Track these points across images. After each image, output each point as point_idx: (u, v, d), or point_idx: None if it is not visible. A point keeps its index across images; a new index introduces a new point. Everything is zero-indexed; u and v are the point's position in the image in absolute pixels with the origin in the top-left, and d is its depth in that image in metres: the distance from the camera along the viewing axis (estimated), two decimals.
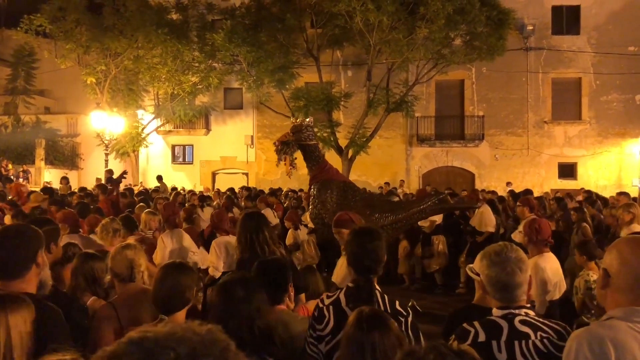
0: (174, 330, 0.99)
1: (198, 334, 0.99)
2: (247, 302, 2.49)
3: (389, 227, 7.34)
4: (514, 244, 2.72)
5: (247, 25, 20.20)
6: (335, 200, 7.22)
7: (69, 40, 20.76)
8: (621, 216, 6.72)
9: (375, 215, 7.24)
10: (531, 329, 2.32)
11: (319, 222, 7.52)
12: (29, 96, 26.90)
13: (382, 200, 8.91)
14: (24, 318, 2.03)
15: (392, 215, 7.38)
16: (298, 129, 7.53)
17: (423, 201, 7.84)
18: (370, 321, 2.34)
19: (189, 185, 23.29)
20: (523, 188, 19.55)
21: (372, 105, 19.99)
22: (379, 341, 2.25)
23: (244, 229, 4.33)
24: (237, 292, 2.51)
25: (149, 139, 23.95)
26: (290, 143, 7.44)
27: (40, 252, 2.61)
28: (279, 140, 7.63)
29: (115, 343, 0.99)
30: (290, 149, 7.45)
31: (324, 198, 7.34)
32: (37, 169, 22.74)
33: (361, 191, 7.85)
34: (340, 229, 4.81)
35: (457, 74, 23.25)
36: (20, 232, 2.62)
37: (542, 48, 24.02)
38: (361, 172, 22.93)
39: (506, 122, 24.47)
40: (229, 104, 25.69)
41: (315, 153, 7.71)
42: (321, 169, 7.63)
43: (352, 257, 2.95)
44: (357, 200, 7.37)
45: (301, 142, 7.51)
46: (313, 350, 2.88)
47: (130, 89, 23.30)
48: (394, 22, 17.85)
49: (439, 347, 1.54)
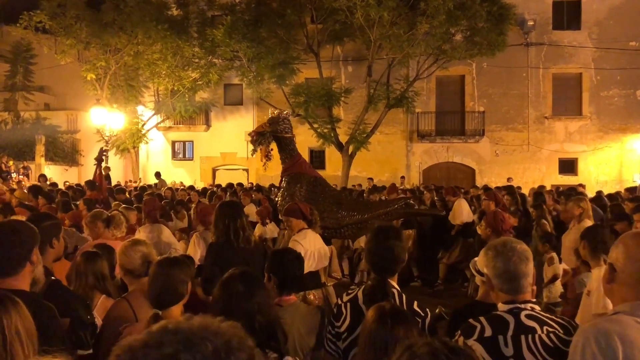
0: (207, 322, 1.00)
1: (232, 328, 1.00)
2: (247, 297, 2.49)
3: (354, 225, 7.49)
4: None
5: (247, 20, 20.14)
6: (304, 194, 7.25)
7: (69, 36, 20.71)
8: (571, 210, 6.71)
9: (342, 212, 7.36)
10: (537, 323, 2.31)
11: None
12: (28, 92, 26.86)
13: (350, 199, 8.98)
14: (22, 317, 2.01)
15: (359, 215, 7.49)
16: (275, 120, 7.60)
17: (390, 204, 8.09)
18: (393, 317, 2.34)
19: (189, 182, 23.28)
20: (523, 184, 19.61)
21: (373, 101, 19.95)
22: (403, 338, 2.22)
23: (222, 215, 4.54)
24: (237, 287, 2.51)
25: (149, 135, 23.92)
26: (265, 134, 7.47)
27: (35, 250, 2.59)
28: (255, 130, 7.70)
29: (146, 332, 0.98)
30: (266, 140, 7.48)
31: (292, 191, 7.38)
32: (38, 165, 22.71)
33: (331, 188, 7.95)
34: (289, 218, 5.17)
35: (458, 70, 23.21)
36: (15, 230, 2.59)
37: (542, 43, 23.97)
38: (362, 168, 22.91)
39: (507, 117, 24.44)
40: (229, 100, 25.67)
41: (290, 146, 7.74)
42: (294, 162, 7.70)
43: (370, 256, 2.95)
44: (325, 196, 7.44)
45: (277, 134, 7.55)
46: (331, 347, 2.89)
47: (130, 85, 23.25)
48: (395, 18, 17.81)
49: (433, 342, 1.53)
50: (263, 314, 2.47)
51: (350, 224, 7.43)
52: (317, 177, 7.91)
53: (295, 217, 5.23)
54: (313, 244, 5.08)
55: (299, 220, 5.22)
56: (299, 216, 5.24)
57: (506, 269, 2.39)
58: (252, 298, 2.49)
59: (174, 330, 0.97)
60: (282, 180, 7.76)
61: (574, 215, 6.56)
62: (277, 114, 7.78)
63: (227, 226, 4.49)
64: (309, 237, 5.13)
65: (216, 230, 4.56)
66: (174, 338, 0.95)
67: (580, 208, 6.47)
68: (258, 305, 2.49)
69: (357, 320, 2.78)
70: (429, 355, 1.48)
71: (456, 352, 1.50)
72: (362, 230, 8.09)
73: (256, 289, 2.55)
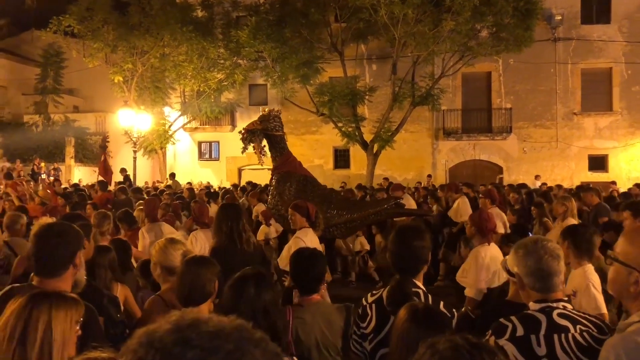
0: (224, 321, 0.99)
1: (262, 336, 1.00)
2: (256, 298, 2.50)
3: (342, 225, 7.58)
4: None
5: (271, 21, 20.20)
6: (294, 193, 7.33)
7: (97, 40, 21.05)
8: (555, 209, 6.78)
9: (332, 212, 7.43)
10: (570, 322, 2.27)
11: (275, 213, 7.72)
12: (58, 95, 27.33)
13: (340, 198, 9.07)
14: (70, 317, 2.05)
15: (348, 214, 7.57)
16: (265, 118, 7.72)
17: (380, 204, 8.18)
18: (427, 317, 2.32)
19: (216, 182, 23.47)
20: (552, 181, 19.32)
21: (398, 99, 19.85)
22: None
23: (225, 217, 4.57)
24: (248, 289, 2.52)
25: (176, 136, 24.18)
26: (256, 132, 7.58)
27: (79, 253, 2.63)
28: (246, 128, 7.79)
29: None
30: (257, 138, 7.59)
31: (282, 190, 7.49)
32: (67, 167, 23.17)
33: (321, 187, 8.05)
34: (295, 212, 5.32)
35: (484, 66, 22.94)
36: (61, 232, 2.63)
37: (571, 38, 23.56)
38: (386, 167, 22.81)
39: (534, 114, 24.08)
40: (254, 100, 25.80)
41: (280, 144, 7.86)
42: (284, 160, 7.82)
43: (392, 256, 2.92)
44: (315, 195, 7.50)
45: (267, 132, 7.65)
46: (357, 348, 2.87)
47: (156, 86, 23.52)
48: (419, 15, 17.68)
49: (454, 339, 1.50)
50: (266, 315, 2.47)
51: (339, 223, 7.53)
52: (307, 176, 8.04)
53: (300, 214, 5.35)
54: (312, 242, 5.22)
55: (302, 218, 5.35)
56: (304, 214, 5.36)
57: (538, 267, 2.35)
58: (260, 300, 2.51)
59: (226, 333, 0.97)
60: (272, 178, 7.87)
61: (558, 212, 6.65)
62: (268, 112, 7.92)
63: (230, 229, 4.51)
64: (309, 235, 5.27)
65: (219, 233, 4.56)
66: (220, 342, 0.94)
67: (564, 206, 6.53)
68: (264, 305, 2.50)
69: (382, 321, 2.76)
70: (451, 350, 1.46)
71: (478, 347, 1.48)
72: (351, 230, 8.21)
73: (265, 291, 2.56)
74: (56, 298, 2.06)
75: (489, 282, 4.72)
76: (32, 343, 1.94)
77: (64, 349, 1.99)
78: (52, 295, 2.07)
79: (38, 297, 2.03)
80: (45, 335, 1.96)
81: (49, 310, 1.99)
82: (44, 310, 1.99)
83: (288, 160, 7.90)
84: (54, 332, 1.98)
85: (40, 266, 2.57)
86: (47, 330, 1.97)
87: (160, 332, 0.94)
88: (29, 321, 1.96)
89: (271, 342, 0.99)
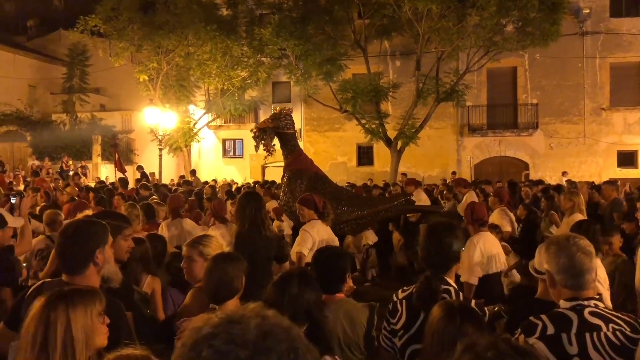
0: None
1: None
2: (299, 298, 2.51)
3: (353, 221, 7.68)
4: None
5: (294, 18, 20.22)
6: (304, 190, 7.38)
7: (122, 39, 21.30)
8: (562, 204, 6.84)
9: (342, 208, 7.53)
10: (602, 320, 2.22)
11: (287, 210, 7.82)
12: (84, 94, 27.78)
13: (350, 195, 9.11)
14: (89, 311, 2.05)
15: (358, 211, 7.67)
16: (277, 116, 7.84)
17: (390, 200, 8.32)
18: (462, 314, 2.30)
19: (240, 179, 23.61)
20: (579, 177, 19.02)
21: (422, 95, 19.72)
22: (472, 334, 2.16)
23: (248, 204, 4.73)
24: (292, 289, 2.53)
25: (201, 133, 24.36)
26: (267, 130, 7.71)
27: (100, 250, 2.62)
28: (257, 126, 7.95)
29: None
30: (268, 136, 7.71)
31: (293, 187, 7.59)
32: (95, 164, 23.53)
33: (332, 184, 8.14)
34: (302, 207, 5.48)
35: (510, 61, 22.63)
36: (78, 231, 2.64)
37: (599, 32, 23.11)
38: (411, 164, 22.68)
39: (561, 109, 23.70)
40: (277, 98, 25.87)
41: (292, 142, 7.98)
42: (295, 158, 7.90)
43: (423, 252, 2.91)
44: (325, 192, 7.55)
45: (278, 130, 7.75)
46: (387, 343, 2.86)
47: (181, 85, 23.74)
48: (443, 10, 17.54)
49: (497, 343, 1.45)
50: (313, 317, 2.48)
51: (350, 219, 7.63)
52: (317, 172, 8.13)
53: (307, 207, 5.47)
54: (320, 234, 5.34)
55: (310, 211, 5.46)
56: (312, 207, 5.47)
57: (571, 264, 2.30)
58: (303, 299, 2.52)
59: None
60: (284, 176, 7.96)
61: (565, 208, 6.70)
62: (279, 111, 8.04)
63: (253, 215, 4.67)
64: (317, 227, 5.37)
65: (241, 218, 4.71)
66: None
67: (571, 202, 6.55)
68: (307, 306, 2.50)
69: (413, 317, 2.75)
70: (495, 357, 1.42)
71: (522, 353, 1.44)
72: (361, 226, 8.28)
73: (309, 291, 2.57)
74: (72, 295, 2.06)
75: (485, 268, 4.85)
76: (53, 346, 1.95)
77: (88, 344, 2.00)
78: (68, 294, 2.07)
79: (54, 298, 2.04)
80: (65, 337, 1.97)
81: (66, 310, 2.00)
82: (60, 311, 1.99)
83: (299, 157, 8.00)
84: (74, 331, 1.98)
85: (62, 264, 2.61)
86: (67, 331, 1.97)
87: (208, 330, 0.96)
88: (48, 325, 1.97)
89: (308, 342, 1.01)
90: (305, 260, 5.38)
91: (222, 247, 3.47)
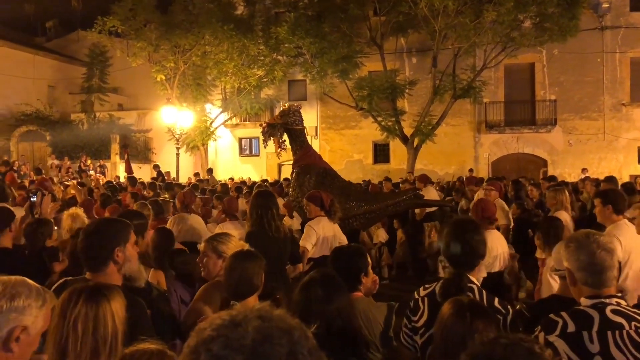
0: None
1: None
2: (326, 301, 2.50)
3: (362, 216, 7.71)
4: None
5: (310, 16, 20.22)
6: (313, 185, 7.41)
7: (140, 39, 21.47)
8: (548, 201, 6.91)
9: (350, 203, 7.56)
10: (624, 319, 2.19)
11: (296, 205, 7.83)
12: (103, 94, 28.08)
13: (359, 190, 9.09)
14: (123, 305, 2.12)
15: (367, 206, 7.71)
16: (286, 113, 7.88)
17: (399, 195, 8.36)
18: (472, 311, 2.29)
19: (256, 177, 23.68)
20: (599, 174, 18.75)
21: (438, 92, 19.62)
22: (482, 332, 2.15)
23: (255, 205, 4.83)
24: (316, 291, 2.53)
25: (217, 132, 24.49)
26: (276, 126, 7.72)
27: (119, 249, 2.64)
28: (266, 122, 7.97)
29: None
30: (277, 132, 7.74)
31: (302, 182, 7.59)
32: (113, 163, 23.78)
33: (340, 179, 8.14)
34: (309, 203, 5.56)
35: (527, 57, 22.41)
36: (97, 229, 2.68)
37: (619, 26, 22.78)
38: (427, 161, 22.58)
39: (580, 105, 23.41)
40: (293, 96, 25.87)
41: (300, 138, 7.96)
42: (304, 153, 7.91)
43: (448, 249, 2.87)
44: (334, 187, 7.58)
45: (287, 126, 7.78)
46: (408, 341, 2.85)
47: (198, 84, 23.86)
48: (460, 7, 17.43)
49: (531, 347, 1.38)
50: (343, 319, 2.47)
51: (358, 214, 7.66)
52: (326, 168, 8.13)
53: (314, 204, 5.55)
54: (325, 230, 5.37)
55: (317, 208, 5.53)
56: (318, 203, 5.54)
57: (591, 261, 2.28)
58: (331, 302, 2.50)
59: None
60: (293, 171, 7.98)
61: (550, 205, 6.75)
62: (288, 107, 8.08)
63: (259, 216, 4.76)
64: (322, 223, 5.43)
65: (250, 219, 4.83)
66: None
67: (554, 199, 6.58)
68: (337, 309, 2.49)
69: (435, 315, 2.71)
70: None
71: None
72: (370, 221, 8.30)
73: (336, 293, 2.56)
74: (109, 290, 2.10)
75: (489, 266, 4.79)
76: (103, 339, 1.99)
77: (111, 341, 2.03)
78: (105, 288, 2.11)
79: (95, 293, 2.08)
80: (113, 329, 2.02)
81: (109, 305, 2.04)
82: (106, 305, 2.04)
83: (308, 153, 8.01)
84: (117, 324, 2.03)
85: (84, 261, 2.65)
86: (113, 324, 2.02)
87: (209, 332, 0.97)
88: (97, 319, 2.01)
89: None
90: (308, 255, 5.46)
91: (242, 246, 3.49)
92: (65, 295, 2.11)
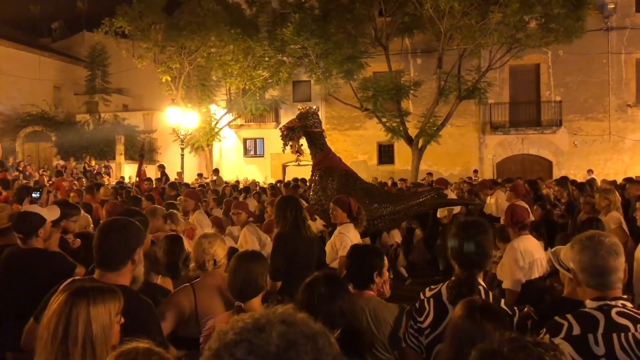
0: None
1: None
2: (330, 300, 2.50)
3: (386, 217, 7.66)
4: None
5: (315, 16, 20.21)
6: (336, 188, 7.38)
7: (146, 40, 21.49)
8: (598, 202, 6.85)
9: (374, 205, 7.50)
10: (630, 321, 2.18)
11: (318, 208, 7.75)
12: (107, 95, 28.15)
13: (382, 191, 9.13)
14: (108, 310, 2.08)
15: (391, 207, 7.66)
16: (304, 115, 7.79)
17: (422, 195, 8.23)
18: (483, 312, 2.28)
19: (261, 178, 23.71)
20: (605, 175, 18.68)
21: (443, 93, 19.59)
22: (492, 333, 2.10)
23: (287, 207, 4.76)
24: (320, 290, 2.53)
25: (222, 133, 24.52)
26: (295, 129, 7.67)
27: (139, 250, 2.68)
28: (285, 125, 7.89)
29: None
30: (296, 135, 7.67)
31: (325, 185, 7.55)
32: (118, 164, 23.83)
33: (362, 181, 8.13)
34: (336, 207, 5.41)
35: (532, 58, 22.36)
36: (124, 227, 2.68)
37: (624, 27, 22.70)
38: (432, 162, 22.54)
39: (585, 106, 23.33)
40: (297, 97, 25.89)
41: (320, 140, 7.91)
42: (324, 156, 7.87)
43: (456, 250, 2.83)
44: (357, 189, 7.57)
45: (306, 129, 7.72)
46: (413, 342, 2.83)
47: (203, 85, 23.88)
48: (466, 8, 17.37)
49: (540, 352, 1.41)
50: (346, 318, 2.47)
51: (383, 215, 7.60)
52: (348, 170, 8.09)
53: (342, 209, 5.40)
54: (354, 238, 5.30)
55: (344, 213, 5.40)
56: (346, 209, 5.40)
57: (593, 263, 2.26)
58: (335, 301, 2.50)
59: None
60: (314, 174, 7.91)
61: (601, 206, 6.71)
62: (306, 110, 7.97)
63: (294, 217, 4.69)
64: (352, 231, 5.33)
65: (282, 221, 4.73)
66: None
67: (607, 200, 6.56)
68: (341, 308, 2.50)
69: (440, 316, 2.72)
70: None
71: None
72: (394, 222, 8.26)
73: (339, 292, 2.57)
74: (94, 293, 2.09)
75: (527, 273, 4.67)
76: (74, 341, 1.98)
77: (106, 342, 2.03)
78: (90, 290, 2.10)
79: (76, 294, 2.07)
80: (86, 333, 2.00)
81: (87, 307, 2.03)
82: (82, 307, 2.02)
83: (328, 155, 7.96)
84: (95, 329, 2.01)
85: (100, 259, 2.63)
86: (88, 327, 2.00)
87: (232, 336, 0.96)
88: (70, 319, 2.00)
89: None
90: None
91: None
92: (58, 292, 2.14)
